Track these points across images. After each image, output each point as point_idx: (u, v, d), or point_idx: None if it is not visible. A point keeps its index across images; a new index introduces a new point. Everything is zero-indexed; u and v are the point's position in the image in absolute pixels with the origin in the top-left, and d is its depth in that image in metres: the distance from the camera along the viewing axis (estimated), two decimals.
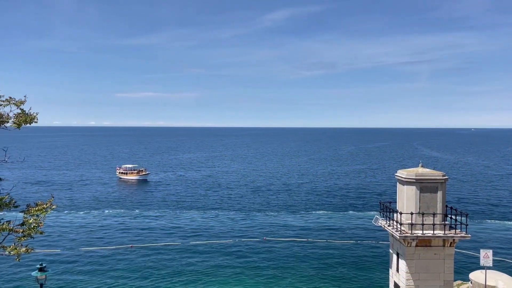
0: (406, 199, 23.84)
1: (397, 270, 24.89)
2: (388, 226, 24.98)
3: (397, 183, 25.20)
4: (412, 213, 23.26)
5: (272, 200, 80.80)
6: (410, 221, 23.24)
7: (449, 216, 23.80)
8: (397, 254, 24.83)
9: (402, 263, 23.96)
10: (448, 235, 23.08)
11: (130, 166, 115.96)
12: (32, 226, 13.85)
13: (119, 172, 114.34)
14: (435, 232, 23.20)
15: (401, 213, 23.91)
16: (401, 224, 23.57)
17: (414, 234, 23.01)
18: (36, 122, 13.94)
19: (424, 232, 23.08)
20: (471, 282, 30.39)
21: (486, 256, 28.41)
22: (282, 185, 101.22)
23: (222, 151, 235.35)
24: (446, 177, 23.96)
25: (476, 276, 30.29)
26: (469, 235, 23.59)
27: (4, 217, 14.34)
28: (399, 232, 23.28)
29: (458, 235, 23.17)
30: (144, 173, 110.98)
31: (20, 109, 13.74)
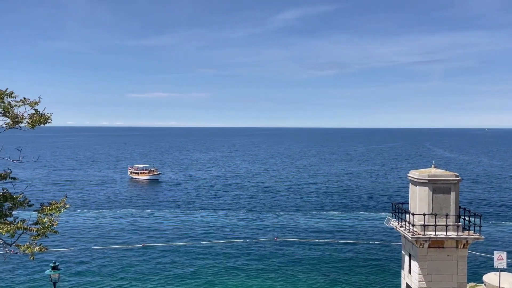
0: (419, 200, 23.62)
1: (410, 272, 24.66)
2: (400, 227, 24.76)
3: (410, 183, 24.98)
4: (424, 214, 23.03)
5: (283, 201, 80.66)
6: (423, 222, 23.02)
7: (463, 217, 23.53)
8: (410, 256, 24.61)
9: (415, 264, 23.74)
10: (461, 236, 22.81)
11: (142, 166, 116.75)
12: (46, 225, 14.00)
13: (131, 172, 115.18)
14: (448, 233, 22.94)
15: (413, 214, 23.69)
16: (413, 225, 23.35)
17: (427, 236, 22.78)
18: (50, 122, 14.08)
19: (437, 233, 22.83)
20: (484, 284, 30.00)
21: (500, 258, 28.02)
22: (293, 185, 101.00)
23: (232, 151, 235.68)
24: (459, 178, 23.68)
25: (490, 278, 29.88)
26: (483, 236, 23.29)
27: (19, 216, 14.53)
28: (412, 233, 23.07)
29: (472, 236, 22.88)
30: (155, 173, 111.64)
31: (34, 109, 13.89)
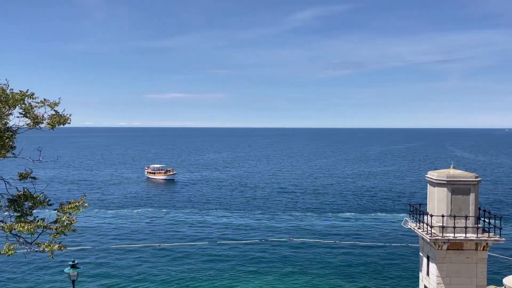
0: (437, 201, 23.27)
1: (427, 274, 24.32)
2: (418, 228, 24.44)
3: (428, 184, 24.64)
4: (443, 216, 22.68)
5: (299, 201, 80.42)
6: (441, 224, 22.67)
7: (482, 219, 23.10)
8: (428, 258, 24.27)
9: (433, 266, 23.40)
10: (481, 238, 22.39)
11: (158, 166, 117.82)
12: (65, 224, 14.23)
13: (148, 172, 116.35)
14: (467, 235, 22.54)
15: (431, 216, 23.35)
16: (431, 227, 23.02)
17: (445, 237, 22.42)
18: (69, 123, 14.30)
19: (456, 235, 22.45)
20: (505, 287, 29.38)
21: None
22: (308, 186, 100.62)
23: (248, 152, 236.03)
24: (479, 178, 23.26)
25: (510, 281, 29.25)
26: (503, 239, 22.82)
27: (39, 215, 14.80)
28: (430, 235, 22.74)
29: (492, 238, 22.44)
30: (171, 173, 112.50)
31: (54, 110, 14.13)
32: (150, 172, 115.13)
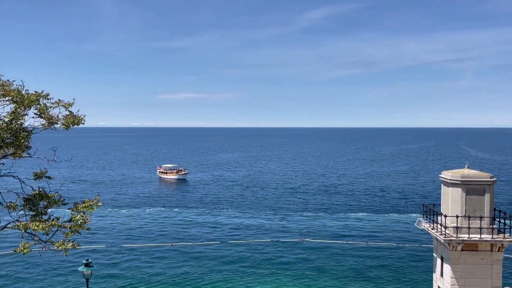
0: (451, 201, 23.00)
1: (441, 275, 24.05)
2: (432, 229, 24.18)
3: (442, 184, 24.36)
4: (457, 216, 22.41)
5: (310, 201, 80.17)
6: (456, 224, 22.41)
7: (498, 219, 22.78)
8: (441, 258, 24.00)
9: (447, 267, 23.14)
10: (496, 239, 22.07)
11: (170, 165, 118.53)
12: (79, 223, 14.40)
13: (160, 172, 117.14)
14: (482, 236, 22.24)
15: (445, 216, 23.09)
16: (445, 227, 22.76)
17: (460, 238, 22.15)
18: (83, 123, 14.47)
19: (470, 236, 22.17)
20: None
21: None
22: (320, 186, 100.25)
23: (259, 151, 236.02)
24: (494, 179, 22.93)
25: None
26: None
27: (53, 214, 14.99)
28: (444, 235, 22.49)
29: (507, 239, 22.11)
30: (183, 172, 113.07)
31: (68, 111, 14.30)
32: (162, 172, 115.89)
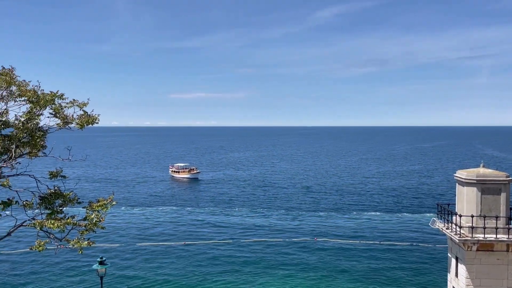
0: (466, 201, 22.72)
1: (456, 275, 23.78)
2: (447, 229, 23.92)
3: (457, 184, 24.08)
4: (472, 216, 22.13)
5: (323, 200, 79.89)
6: (471, 224, 22.13)
7: None
8: (456, 259, 23.73)
9: (462, 267, 22.86)
10: None
11: (182, 164, 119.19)
12: (94, 221, 14.58)
13: (172, 171, 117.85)
14: (498, 236, 21.94)
15: (460, 216, 22.81)
16: (460, 227, 22.49)
17: (475, 238, 21.88)
18: (97, 123, 14.65)
19: (486, 236, 21.88)
20: None
21: None
22: (332, 185, 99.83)
23: (271, 150, 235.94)
24: (510, 178, 22.61)
25: None
26: None
27: (68, 213, 15.20)
28: (459, 235, 22.23)
29: None
30: (195, 171, 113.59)
31: (83, 111, 14.50)
32: (174, 171, 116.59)
